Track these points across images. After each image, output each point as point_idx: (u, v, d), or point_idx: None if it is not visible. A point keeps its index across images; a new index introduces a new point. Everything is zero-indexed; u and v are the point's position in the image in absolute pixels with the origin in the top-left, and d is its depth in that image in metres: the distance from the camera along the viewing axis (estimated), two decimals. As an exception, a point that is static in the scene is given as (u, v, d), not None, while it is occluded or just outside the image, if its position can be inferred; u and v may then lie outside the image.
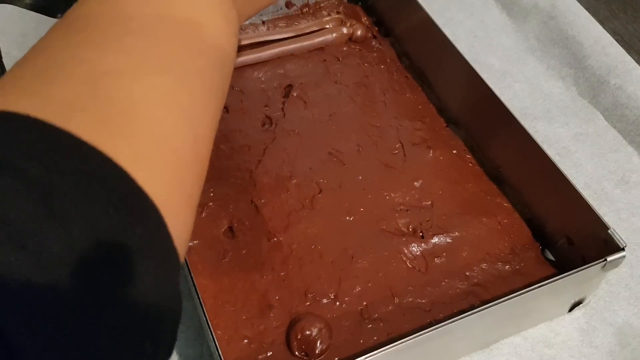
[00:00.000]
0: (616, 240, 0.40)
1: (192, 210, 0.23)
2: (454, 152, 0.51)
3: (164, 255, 0.20)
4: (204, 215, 0.46)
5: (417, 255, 0.45)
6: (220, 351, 0.36)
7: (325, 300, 0.42)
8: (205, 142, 0.24)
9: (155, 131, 0.21)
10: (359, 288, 0.43)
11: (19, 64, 0.21)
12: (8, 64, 0.54)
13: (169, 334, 0.21)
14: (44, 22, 0.58)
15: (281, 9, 0.62)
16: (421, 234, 0.46)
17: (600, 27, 0.59)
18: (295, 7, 0.62)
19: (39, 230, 0.16)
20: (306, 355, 0.40)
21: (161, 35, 0.23)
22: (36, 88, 0.20)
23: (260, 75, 0.56)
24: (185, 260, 0.40)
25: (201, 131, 0.23)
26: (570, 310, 0.44)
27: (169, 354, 0.21)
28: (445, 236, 0.46)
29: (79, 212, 0.17)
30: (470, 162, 0.51)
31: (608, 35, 0.59)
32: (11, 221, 0.16)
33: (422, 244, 0.45)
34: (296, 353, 0.40)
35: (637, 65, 0.56)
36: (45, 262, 0.16)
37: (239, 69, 0.57)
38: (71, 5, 0.24)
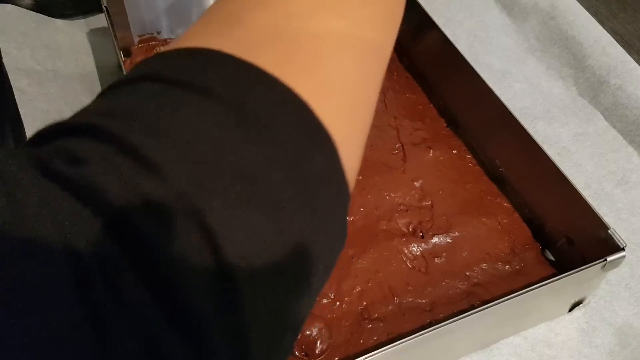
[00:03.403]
0: (616, 240, 0.40)
1: (360, 147, 0.24)
2: (454, 152, 0.51)
3: (337, 184, 0.21)
4: (204, 215, 0.46)
5: (417, 255, 0.45)
6: (220, 351, 0.36)
7: (325, 300, 0.42)
8: (374, 89, 0.25)
9: (333, 69, 0.22)
10: (359, 288, 0.43)
11: (206, 14, 0.24)
12: (8, 64, 0.54)
13: (332, 262, 0.22)
14: (44, 22, 0.58)
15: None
16: (421, 234, 0.46)
17: (600, 27, 0.59)
18: (295, 7, 0.62)
19: (237, 148, 0.18)
20: (306, 355, 0.40)
21: None
22: (225, 30, 0.22)
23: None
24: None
25: (371, 78, 0.25)
26: (570, 310, 0.44)
27: (328, 276, 0.22)
28: (445, 236, 0.46)
29: (270, 133, 0.19)
30: (470, 162, 0.51)
31: (608, 35, 0.59)
32: (213, 139, 0.18)
33: (422, 244, 0.45)
34: (296, 353, 0.40)
35: (637, 65, 0.56)
36: (251, 175, 0.18)
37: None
38: (71, 5, 0.24)
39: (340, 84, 0.23)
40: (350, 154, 0.22)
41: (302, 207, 0.19)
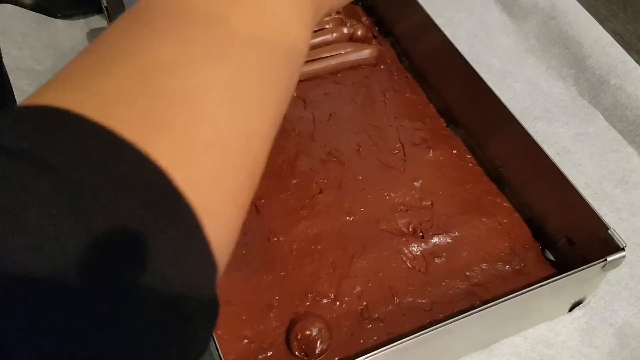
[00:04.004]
0: (616, 240, 0.40)
1: (239, 209, 0.22)
2: (454, 152, 0.51)
3: (198, 258, 0.19)
4: (204, 215, 0.46)
5: (417, 255, 0.45)
6: (220, 351, 0.36)
7: (325, 300, 0.42)
8: (261, 138, 0.23)
9: (203, 127, 0.20)
10: (359, 288, 0.43)
11: (77, 57, 0.21)
12: (8, 64, 0.54)
13: (200, 342, 0.20)
14: (44, 22, 0.58)
15: (281, 9, 0.62)
16: (421, 234, 0.46)
17: (600, 27, 0.59)
18: (295, 7, 0.62)
19: (58, 226, 0.16)
20: (306, 355, 0.40)
21: (225, 25, 0.23)
22: (84, 82, 0.20)
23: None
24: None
25: (257, 127, 0.23)
26: (570, 310, 0.44)
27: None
28: (445, 236, 0.46)
29: (105, 211, 0.17)
30: (470, 162, 0.51)
31: (608, 35, 0.59)
32: (31, 220, 0.16)
33: (422, 244, 0.45)
34: (296, 353, 0.40)
35: (637, 65, 0.56)
36: (57, 257, 0.16)
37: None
38: (71, 5, 0.24)
39: (212, 142, 0.20)
40: (223, 218, 0.20)
41: (143, 289, 0.17)
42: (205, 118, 0.20)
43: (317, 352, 0.40)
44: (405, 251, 0.45)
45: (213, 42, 0.22)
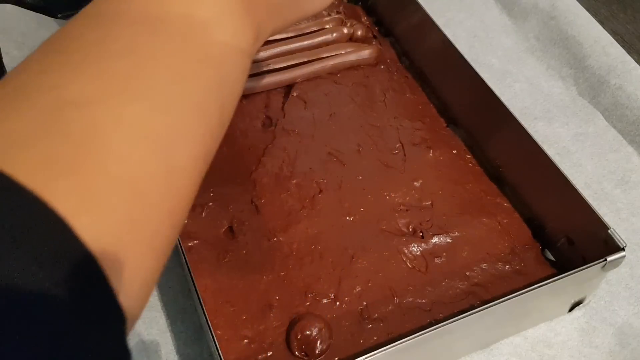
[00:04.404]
0: (616, 240, 0.40)
1: (155, 251, 0.20)
2: (454, 152, 0.51)
3: (100, 312, 0.18)
4: (204, 215, 0.46)
5: (417, 255, 0.45)
6: (220, 351, 0.36)
7: (325, 300, 0.42)
8: (185, 175, 0.21)
9: (114, 167, 0.18)
10: (359, 288, 0.43)
11: None
12: (8, 64, 0.54)
13: None
14: (44, 22, 0.58)
15: (281, 9, 0.62)
16: (421, 234, 0.46)
17: (600, 27, 0.59)
18: (295, 7, 0.62)
19: None
20: (306, 355, 0.40)
21: (148, 56, 0.21)
22: None
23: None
24: (185, 260, 0.40)
25: (180, 163, 0.21)
26: (570, 310, 0.44)
27: None
28: (445, 236, 0.46)
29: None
30: (470, 162, 0.51)
31: (608, 35, 0.59)
32: None
33: (422, 244, 0.45)
34: (296, 353, 0.40)
35: (637, 65, 0.56)
36: None
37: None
38: (71, 5, 0.23)
39: (124, 183, 0.19)
40: (134, 265, 0.19)
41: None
42: (117, 157, 0.19)
43: (317, 352, 0.40)
44: (405, 251, 0.45)
45: (132, 74, 0.20)
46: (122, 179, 0.19)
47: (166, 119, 0.20)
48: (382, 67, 0.58)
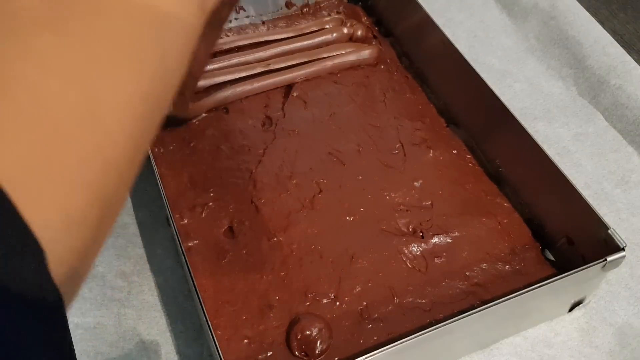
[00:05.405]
0: (616, 240, 0.40)
1: (84, 190, 0.19)
2: (454, 152, 0.51)
3: (6, 237, 0.17)
4: (204, 215, 0.46)
5: (417, 255, 0.45)
6: (220, 351, 0.36)
7: (325, 300, 0.42)
8: (117, 113, 0.21)
9: (22, 96, 0.18)
10: (359, 288, 0.43)
11: None
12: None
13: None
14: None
15: (281, 9, 0.62)
16: (421, 234, 0.46)
17: (600, 27, 0.59)
18: (295, 7, 0.62)
19: None
20: (306, 355, 0.40)
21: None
22: None
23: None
24: (185, 260, 0.40)
25: (107, 98, 0.20)
26: (570, 310, 0.44)
27: None
28: (445, 236, 0.46)
29: None
30: (470, 162, 0.51)
31: (608, 35, 0.59)
32: None
33: (422, 244, 0.45)
34: (296, 353, 0.40)
35: (637, 65, 0.56)
36: None
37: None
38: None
39: (38, 114, 0.18)
40: (56, 202, 0.18)
41: None
42: (27, 86, 0.18)
43: (317, 352, 0.40)
44: (405, 251, 0.45)
45: (51, 6, 0.19)
46: (33, 108, 0.18)
47: (87, 53, 0.19)
48: (382, 67, 0.58)
